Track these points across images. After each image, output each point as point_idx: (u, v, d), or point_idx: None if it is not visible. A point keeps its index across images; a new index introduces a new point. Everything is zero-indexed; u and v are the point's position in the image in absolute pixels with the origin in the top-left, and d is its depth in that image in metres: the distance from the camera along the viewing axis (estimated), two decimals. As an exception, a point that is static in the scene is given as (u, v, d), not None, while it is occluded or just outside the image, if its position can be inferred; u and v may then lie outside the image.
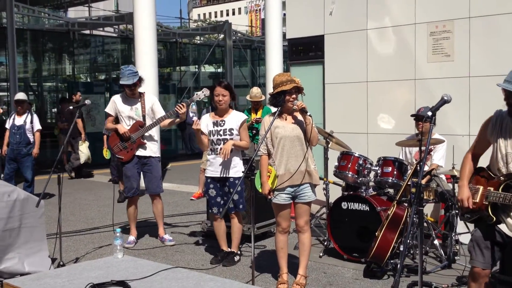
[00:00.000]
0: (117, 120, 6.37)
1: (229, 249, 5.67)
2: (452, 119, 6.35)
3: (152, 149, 6.39)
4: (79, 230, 7.22)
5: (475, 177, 3.68)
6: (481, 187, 3.56)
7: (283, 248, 4.89)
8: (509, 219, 3.45)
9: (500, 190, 3.43)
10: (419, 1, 6.77)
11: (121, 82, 6.21)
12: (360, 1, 7.28)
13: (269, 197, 4.74)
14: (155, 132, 6.52)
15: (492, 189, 3.48)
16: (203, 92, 6.00)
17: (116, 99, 6.38)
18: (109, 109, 6.40)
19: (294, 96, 4.65)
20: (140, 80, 6.27)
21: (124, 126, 6.26)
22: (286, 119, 4.73)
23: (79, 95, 12.97)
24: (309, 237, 4.85)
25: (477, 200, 3.55)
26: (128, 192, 6.39)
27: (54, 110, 19.01)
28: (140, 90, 6.41)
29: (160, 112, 6.35)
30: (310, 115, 4.63)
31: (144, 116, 6.29)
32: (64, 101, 14.06)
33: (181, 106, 5.89)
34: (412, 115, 6.02)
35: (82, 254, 6.09)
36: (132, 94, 6.29)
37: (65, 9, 28.50)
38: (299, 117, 4.71)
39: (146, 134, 6.29)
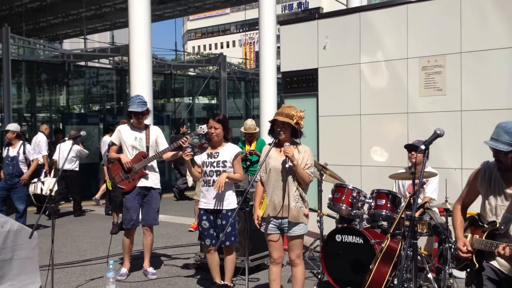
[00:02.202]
0: (120, 150, 6.39)
1: (223, 282, 5.63)
2: (445, 152, 6.41)
3: (154, 181, 6.40)
4: (71, 262, 7.15)
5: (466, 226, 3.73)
6: (469, 235, 3.60)
7: (275, 280, 4.87)
8: (497, 258, 3.46)
9: (484, 237, 3.46)
10: (411, 36, 6.90)
11: (130, 109, 6.26)
12: (353, 36, 7.41)
13: (257, 222, 4.85)
14: (156, 164, 6.53)
15: (477, 236, 3.51)
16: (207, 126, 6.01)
17: (122, 128, 6.42)
18: (114, 138, 6.42)
19: (279, 128, 4.72)
20: (148, 111, 6.36)
21: (127, 156, 6.28)
22: (281, 151, 4.77)
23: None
24: (302, 270, 4.83)
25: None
26: (128, 224, 6.34)
27: (48, 141, 18.96)
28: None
29: (164, 144, 6.39)
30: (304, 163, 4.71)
31: (147, 147, 6.32)
32: (58, 132, 14.07)
33: (185, 139, 5.92)
34: (405, 146, 6.08)
35: (73, 287, 6.02)
36: (138, 123, 6.33)
37: (60, 41, 28.79)
38: (298, 151, 4.75)
39: (149, 165, 6.30)
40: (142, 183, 6.31)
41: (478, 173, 3.67)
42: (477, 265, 3.48)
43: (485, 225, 3.53)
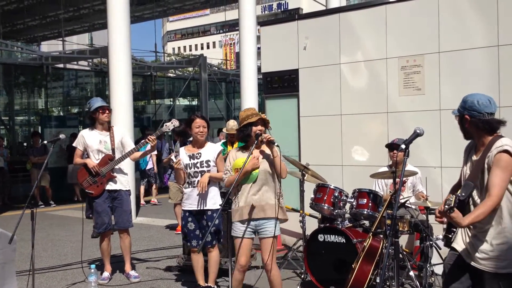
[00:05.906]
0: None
1: (206, 284, 5.61)
2: (425, 151, 6.46)
3: (122, 183, 6.34)
4: (52, 267, 7.07)
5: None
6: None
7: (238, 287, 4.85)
8: (458, 238, 3.48)
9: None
10: (390, 37, 6.95)
11: (96, 105, 6.19)
12: (333, 36, 7.44)
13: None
14: (125, 165, 6.48)
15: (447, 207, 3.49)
16: (172, 123, 6.03)
17: (85, 133, 6.34)
18: (77, 143, 6.34)
19: (260, 128, 4.72)
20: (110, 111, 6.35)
21: (93, 160, 6.22)
22: (252, 153, 4.72)
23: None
24: (277, 274, 4.78)
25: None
26: (100, 227, 6.29)
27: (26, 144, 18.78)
28: (115, 122, 6.40)
29: (130, 145, 6.34)
30: (277, 145, 4.64)
31: (113, 150, 6.26)
32: (36, 135, 13.90)
33: (150, 138, 5.92)
34: (386, 145, 6.12)
35: (55, 291, 5.96)
36: (102, 122, 6.26)
37: (38, 43, 28.47)
38: (267, 151, 4.76)
39: (116, 167, 6.25)
40: (110, 186, 6.26)
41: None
42: (450, 237, 3.46)
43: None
